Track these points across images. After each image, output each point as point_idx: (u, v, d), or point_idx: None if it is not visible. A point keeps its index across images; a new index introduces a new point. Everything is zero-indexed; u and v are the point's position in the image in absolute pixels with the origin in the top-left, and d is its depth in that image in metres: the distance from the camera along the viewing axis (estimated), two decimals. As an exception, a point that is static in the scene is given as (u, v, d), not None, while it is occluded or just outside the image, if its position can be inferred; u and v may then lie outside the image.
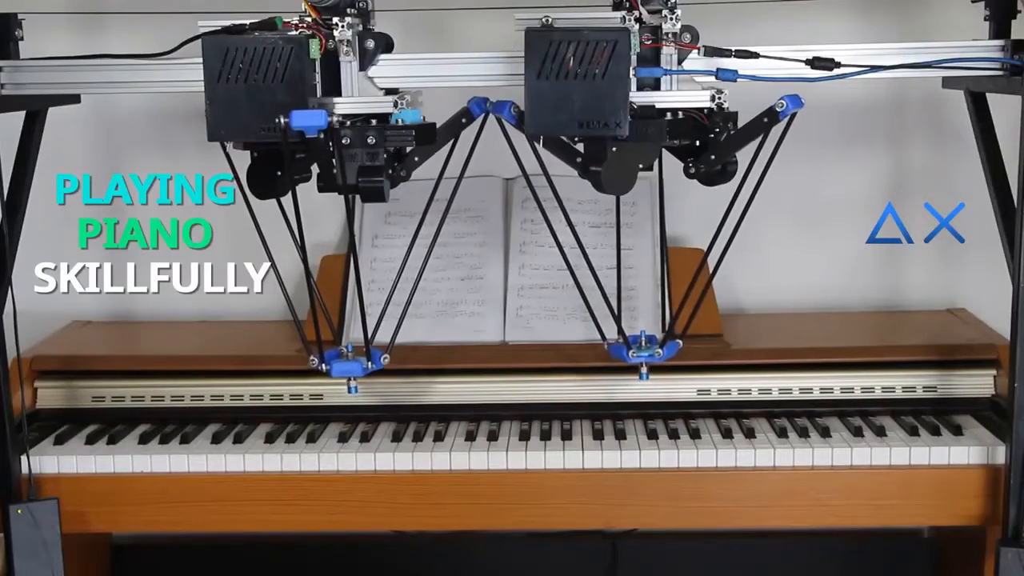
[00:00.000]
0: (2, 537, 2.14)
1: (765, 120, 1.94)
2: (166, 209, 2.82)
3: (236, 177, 2.01)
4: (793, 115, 1.91)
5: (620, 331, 2.12)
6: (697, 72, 1.96)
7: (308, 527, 2.24)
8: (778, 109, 1.91)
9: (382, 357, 2.09)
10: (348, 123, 1.91)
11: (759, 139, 1.95)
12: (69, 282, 2.85)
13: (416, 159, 2.02)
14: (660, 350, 2.13)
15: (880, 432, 2.26)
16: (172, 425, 2.36)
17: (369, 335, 2.11)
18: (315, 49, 1.88)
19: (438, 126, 1.99)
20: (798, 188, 2.68)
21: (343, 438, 2.29)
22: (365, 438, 2.29)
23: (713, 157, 1.97)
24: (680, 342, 2.17)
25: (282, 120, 1.82)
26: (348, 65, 1.94)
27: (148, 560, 2.84)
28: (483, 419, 2.37)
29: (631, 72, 1.87)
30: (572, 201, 2.59)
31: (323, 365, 2.06)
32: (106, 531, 2.71)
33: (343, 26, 1.91)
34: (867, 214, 2.80)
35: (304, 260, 2.03)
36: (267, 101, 1.85)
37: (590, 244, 2.54)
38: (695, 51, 1.95)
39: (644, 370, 2.18)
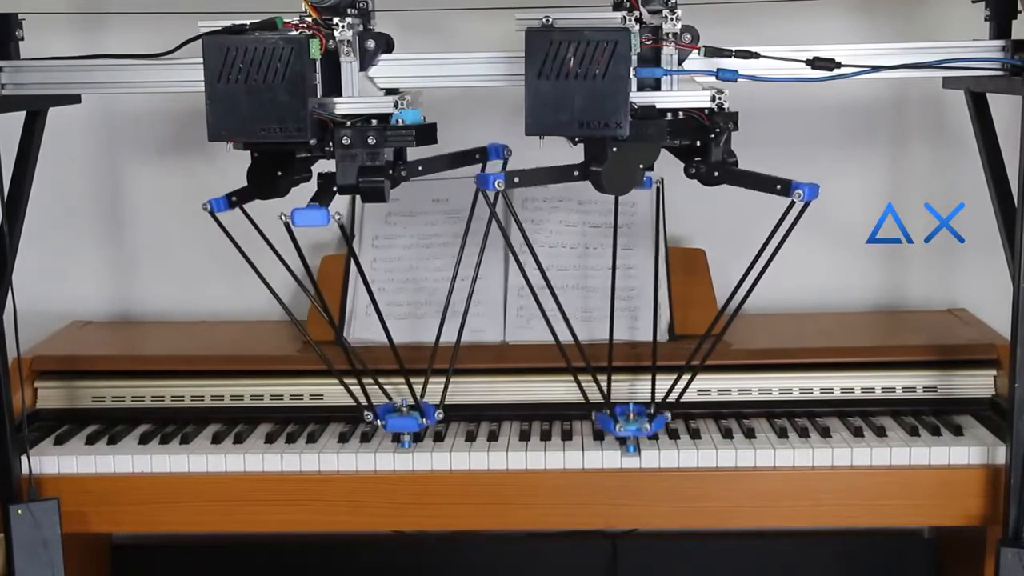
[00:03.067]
0: (2, 537, 2.14)
1: (778, 187, 1.96)
2: (166, 209, 2.84)
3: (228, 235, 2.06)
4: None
5: (606, 398, 2.19)
6: (697, 72, 1.96)
7: (308, 527, 2.23)
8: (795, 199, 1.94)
9: (436, 412, 2.16)
10: (348, 123, 1.92)
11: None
12: (69, 282, 2.86)
13: (420, 168, 2.02)
14: (648, 424, 2.15)
15: (880, 432, 2.26)
16: (172, 425, 2.36)
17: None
18: (315, 49, 1.88)
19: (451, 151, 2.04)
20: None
21: (343, 438, 2.29)
22: (366, 438, 2.29)
23: (717, 175, 1.98)
24: (668, 414, 2.19)
25: (284, 216, 1.94)
26: (348, 65, 1.94)
27: (148, 560, 2.84)
28: (483, 419, 2.37)
29: (631, 72, 1.87)
30: (572, 201, 2.60)
31: (378, 420, 2.15)
32: (106, 531, 2.71)
33: (343, 26, 1.91)
34: (867, 214, 2.81)
35: (308, 268, 2.04)
36: (267, 101, 1.85)
37: (591, 244, 2.55)
38: (695, 51, 1.96)
39: (632, 443, 2.19)
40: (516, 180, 1.99)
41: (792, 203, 1.94)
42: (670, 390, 2.20)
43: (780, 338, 2.58)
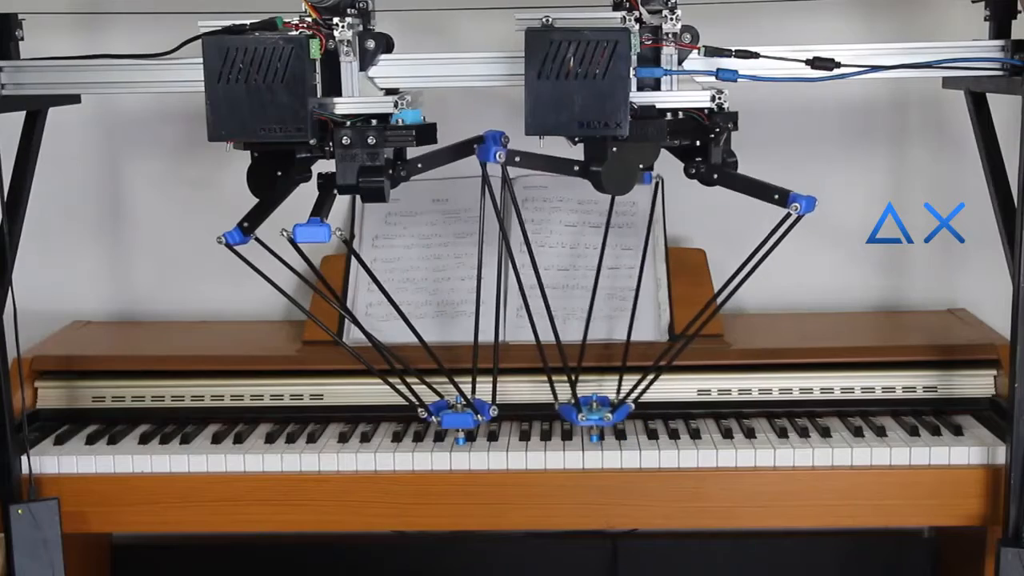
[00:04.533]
0: (2, 537, 2.14)
1: (776, 197, 1.97)
2: (165, 209, 2.84)
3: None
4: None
5: (574, 393, 2.20)
6: (697, 72, 1.96)
7: (308, 527, 2.23)
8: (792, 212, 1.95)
9: (490, 408, 2.17)
10: (348, 123, 1.92)
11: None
12: (69, 282, 2.86)
13: (419, 165, 2.03)
14: (610, 414, 2.15)
15: (880, 432, 2.27)
16: (172, 425, 2.36)
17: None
18: (315, 49, 1.88)
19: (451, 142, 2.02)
20: (798, 188, 2.68)
21: (343, 438, 2.29)
22: (365, 438, 2.29)
23: (716, 178, 1.99)
24: (631, 404, 2.20)
25: (286, 233, 1.93)
26: (348, 65, 1.94)
27: (148, 560, 2.84)
28: (483, 419, 2.37)
29: (631, 72, 1.87)
30: (572, 201, 2.60)
31: (433, 417, 2.15)
32: (106, 531, 2.71)
33: (343, 26, 1.91)
34: (867, 214, 2.81)
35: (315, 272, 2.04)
36: (267, 101, 1.85)
37: (590, 244, 2.55)
38: (695, 51, 1.96)
39: (595, 433, 2.21)
40: (517, 159, 1.99)
41: (788, 214, 1.95)
42: (632, 389, 2.20)
43: (780, 338, 2.58)
